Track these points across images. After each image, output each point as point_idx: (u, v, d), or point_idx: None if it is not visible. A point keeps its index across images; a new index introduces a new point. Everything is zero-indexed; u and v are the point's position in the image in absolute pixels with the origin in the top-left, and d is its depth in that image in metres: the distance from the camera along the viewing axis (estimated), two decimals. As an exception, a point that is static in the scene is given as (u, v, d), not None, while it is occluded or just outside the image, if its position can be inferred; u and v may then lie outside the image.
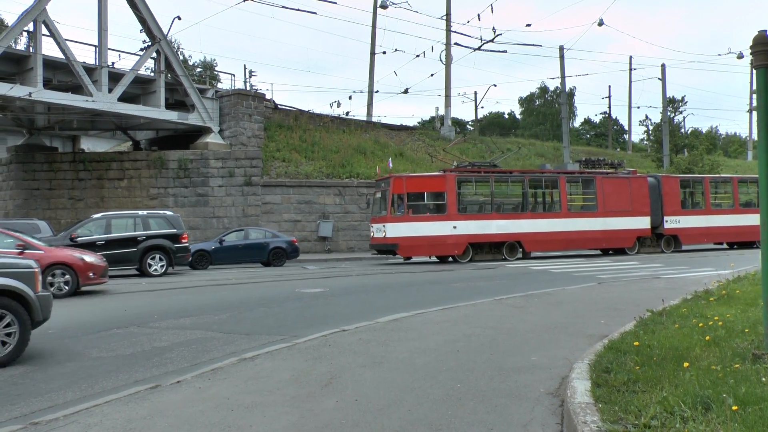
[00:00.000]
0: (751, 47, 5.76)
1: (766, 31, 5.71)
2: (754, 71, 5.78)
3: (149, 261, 19.35)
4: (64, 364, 7.43)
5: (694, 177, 30.01)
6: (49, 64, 26.60)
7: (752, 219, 27.69)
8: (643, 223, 26.02)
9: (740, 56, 38.19)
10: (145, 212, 20.68)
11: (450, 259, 23.57)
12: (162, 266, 19.45)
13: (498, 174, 24.76)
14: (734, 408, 4.20)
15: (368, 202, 25.41)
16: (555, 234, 24.49)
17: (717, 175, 33.38)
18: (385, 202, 22.88)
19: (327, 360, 6.81)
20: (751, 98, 58.34)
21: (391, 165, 28.47)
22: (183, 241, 20.08)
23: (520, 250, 24.14)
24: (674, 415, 4.26)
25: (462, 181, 24.01)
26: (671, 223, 26.74)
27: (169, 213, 21.02)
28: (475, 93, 68.36)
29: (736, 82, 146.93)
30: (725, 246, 29.70)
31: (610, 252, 26.28)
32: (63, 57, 25.75)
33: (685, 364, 5.45)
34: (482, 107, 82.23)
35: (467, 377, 5.98)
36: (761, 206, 5.62)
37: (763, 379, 4.89)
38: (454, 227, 22.75)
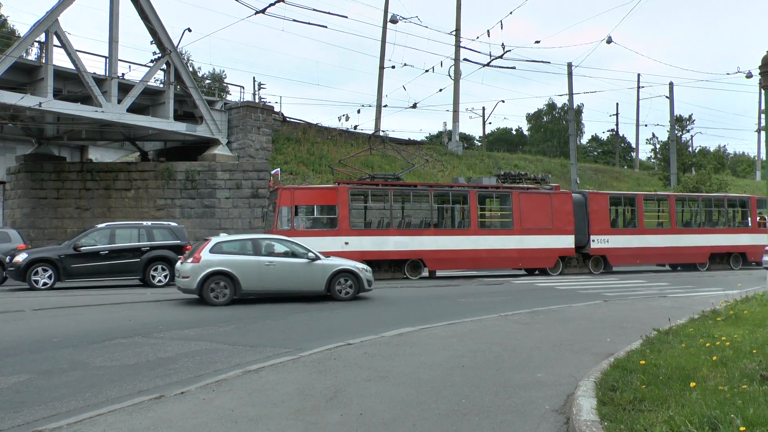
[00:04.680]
0: (760, 67, 5.77)
1: (775, 51, 5.72)
2: (763, 91, 5.80)
3: (152, 272, 19.35)
4: (68, 372, 7.43)
5: (626, 194, 28.43)
6: (60, 74, 26.81)
7: (692, 239, 26.42)
8: (566, 242, 24.33)
9: (749, 75, 38.17)
10: (149, 223, 20.69)
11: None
12: (165, 277, 19.46)
13: (399, 187, 23.22)
14: (742, 429, 4.17)
15: (263, 215, 23.73)
16: (462, 252, 22.77)
17: (652, 193, 32.12)
18: (274, 215, 21.56)
19: (332, 373, 6.79)
20: (759, 118, 58.29)
21: (279, 176, 27.27)
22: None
23: (425, 269, 22.68)
24: (681, 434, 4.23)
25: (356, 194, 22.53)
26: (599, 242, 24.91)
27: (173, 224, 21.02)
28: (483, 108, 68.54)
29: (745, 102, 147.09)
30: (667, 268, 28.02)
31: (536, 272, 24.68)
32: (73, 68, 25.95)
33: (692, 384, 5.41)
34: (490, 123, 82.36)
35: (472, 393, 5.96)
36: (769, 226, 5.60)
37: (771, 400, 4.84)
38: (346, 243, 21.14)
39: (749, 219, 28.25)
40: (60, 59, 26.70)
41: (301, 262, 14.82)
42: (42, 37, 25.68)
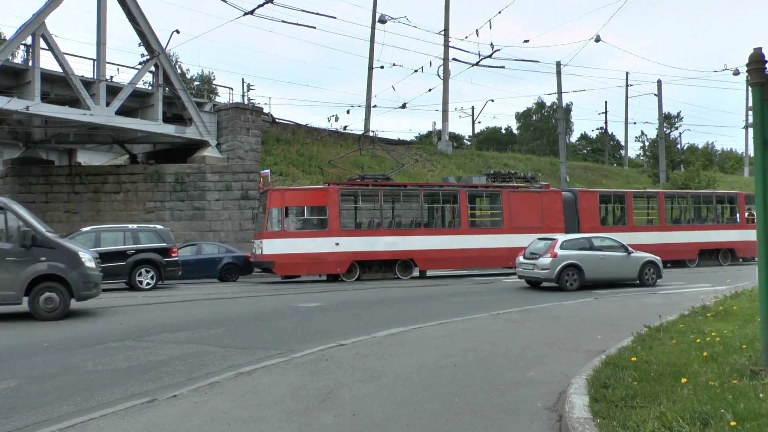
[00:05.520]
0: (747, 65, 5.80)
1: (761, 49, 5.76)
2: (750, 88, 5.82)
3: (138, 275, 19.23)
4: (59, 377, 7.38)
5: (616, 192, 28.64)
6: (47, 77, 26.65)
7: (681, 236, 26.59)
8: None
9: (736, 73, 38.43)
10: (134, 226, 20.57)
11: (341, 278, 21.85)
12: (152, 278, 19.35)
13: (389, 187, 23.25)
14: (733, 424, 4.19)
15: (253, 216, 23.70)
16: (452, 251, 22.84)
17: (642, 190, 32.26)
18: (264, 217, 21.59)
19: (324, 374, 6.79)
20: (747, 115, 58.75)
21: (269, 177, 27.22)
22: (173, 255, 19.97)
23: (416, 268, 22.82)
24: (672, 430, 4.27)
25: (346, 194, 22.52)
26: None
27: (159, 227, 20.92)
28: (473, 108, 68.75)
29: (732, 99, 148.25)
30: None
31: None
32: (61, 70, 25.81)
33: (683, 380, 5.45)
34: (479, 122, 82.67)
35: (465, 392, 5.96)
36: (758, 222, 5.65)
37: (761, 395, 4.88)
38: (337, 244, 21.28)
39: (737, 215, 28.49)
40: (47, 62, 26.62)
41: (622, 255, 18.18)
42: (29, 40, 25.52)
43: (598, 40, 28.11)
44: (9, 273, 11.87)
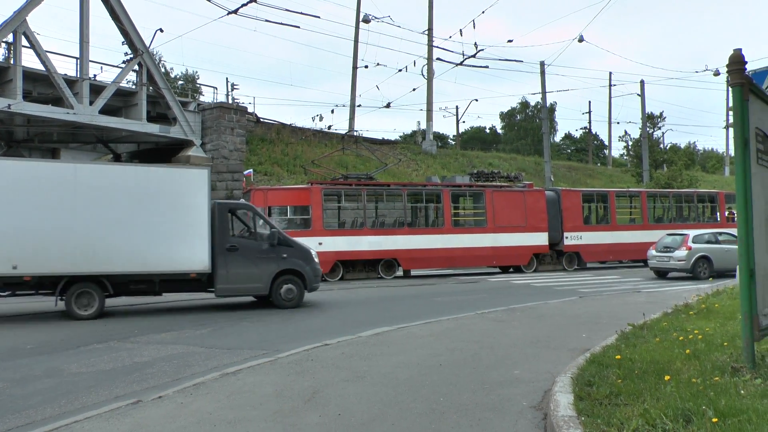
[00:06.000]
0: (727, 66, 5.86)
1: (741, 50, 5.82)
2: (730, 89, 5.88)
3: None
4: (42, 379, 7.32)
5: (599, 191, 28.91)
6: (29, 76, 26.40)
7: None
8: (540, 239, 24.55)
9: (716, 73, 38.82)
10: None
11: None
12: None
13: (372, 187, 23.23)
14: (714, 420, 4.24)
15: None
16: (436, 251, 22.94)
17: (625, 189, 32.53)
18: None
19: (310, 374, 6.78)
20: (727, 115, 59.36)
21: (252, 177, 27.00)
22: None
23: (399, 268, 22.85)
24: (656, 427, 4.31)
25: (330, 194, 22.64)
26: (572, 239, 25.21)
27: None
28: (457, 107, 68.98)
29: (713, 99, 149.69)
30: (641, 263, 27.21)
31: (511, 270, 24.83)
32: (43, 69, 25.58)
33: (666, 377, 5.50)
34: (463, 122, 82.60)
35: (450, 391, 5.98)
36: (738, 221, 5.71)
37: (742, 391, 4.95)
38: (320, 243, 20.84)
39: (718, 214, 28.81)
40: (29, 60, 26.32)
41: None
42: (10, 38, 25.27)
43: (581, 40, 28.27)
44: (258, 268, 13.60)
